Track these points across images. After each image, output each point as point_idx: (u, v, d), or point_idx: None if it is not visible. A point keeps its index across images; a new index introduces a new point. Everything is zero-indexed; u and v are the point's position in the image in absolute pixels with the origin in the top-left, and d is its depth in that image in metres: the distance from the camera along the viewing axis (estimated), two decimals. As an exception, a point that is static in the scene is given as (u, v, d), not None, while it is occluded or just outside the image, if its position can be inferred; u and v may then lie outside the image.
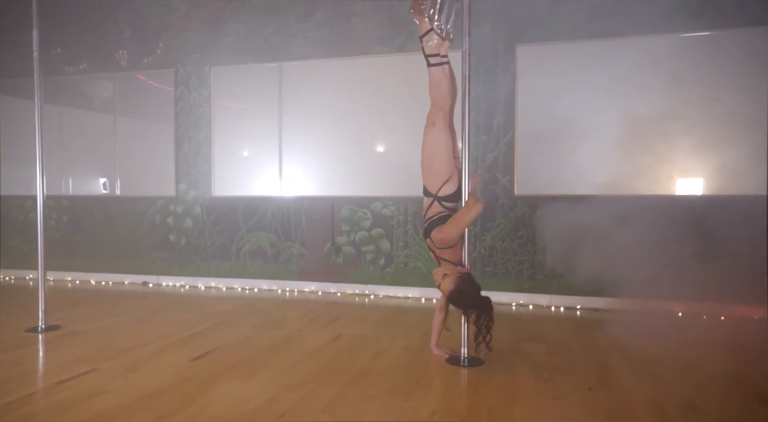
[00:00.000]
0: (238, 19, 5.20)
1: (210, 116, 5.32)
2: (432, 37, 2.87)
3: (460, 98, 3.05)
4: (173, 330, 3.57)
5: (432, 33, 2.87)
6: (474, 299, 2.78)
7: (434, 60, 2.89)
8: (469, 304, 2.78)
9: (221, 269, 5.34)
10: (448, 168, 2.90)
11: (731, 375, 2.71)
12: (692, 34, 4.20)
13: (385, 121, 4.88)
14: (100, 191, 5.75)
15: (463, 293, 2.78)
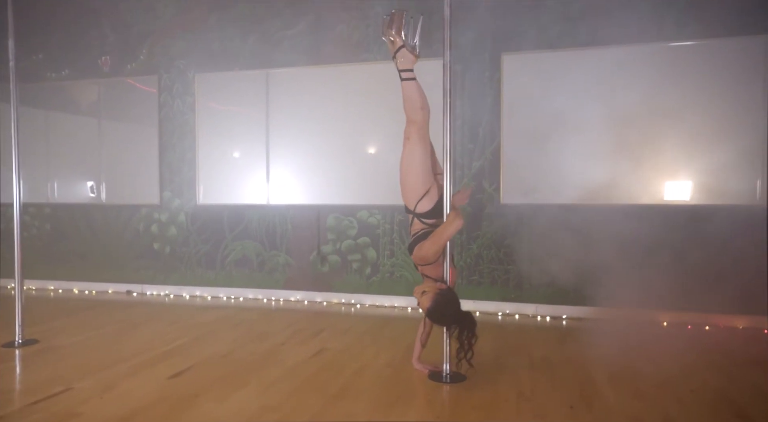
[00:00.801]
0: (222, 26, 5.14)
1: (194, 123, 5.26)
2: (404, 54, 2.91)
3: (441, 111, 2.99)
4: (153, 345, 3.51)
5: (403, 49, 2.92)
6: (452, 316, 2.74)
7: (406, 75, 2.90)
8: (447, 321, 2.75)
9: (206, 278, 5.29)
10: (423, 184, 2.85)
11: (713, 390, 2.70)
12: (675, 44, 4.20)
13: (372, 129, 4.84)
14: (86, 196, 5.66)
15: (440, 310, 2.73)
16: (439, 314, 2.73)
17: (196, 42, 5.23)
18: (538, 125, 4.43)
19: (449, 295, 2.78)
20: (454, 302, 2.75)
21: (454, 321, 2.75)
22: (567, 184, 4.41)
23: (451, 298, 2.78)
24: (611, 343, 3.55)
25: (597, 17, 4.29)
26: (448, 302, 2.75)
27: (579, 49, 4.36)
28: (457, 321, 2.74)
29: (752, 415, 2.41)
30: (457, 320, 2.74)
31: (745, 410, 2.46)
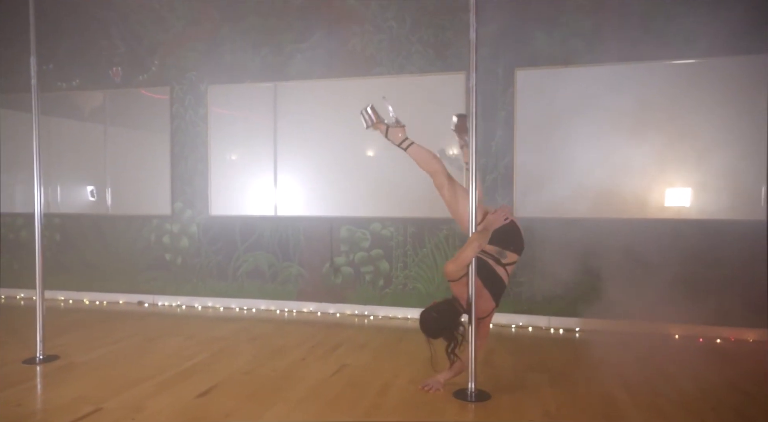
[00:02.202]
0: (234, 38, 5.16)
1: (207, 134, 5.28)
2: (393, 132, 3.23)
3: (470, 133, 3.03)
4: (174, 361, 3.53)
5: (390, 129, 3.24)
6: (448, 331, 2.87)
7: (405, 144, 3.20)
8: (441, 333, 2.88)
9: (218, 289, 5.31)
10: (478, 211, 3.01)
11: (732, 408, 2.75)
12: (683, 61, 4.26)
13: (385, 142, 4.86)
14: (95, 205, 5.67)
15: (444, 321, 2.87)
16: (440, 325, 2.86)
17: (208, 54, 5.25)
18: (550, 140, 4.48)
19: (455, 311, 2.90)
20: (456, 320, 2.88)
21: (447, 336, 2.88)
22: (579, 197, 4.47)
23: (455, 314, 2.90)
24: (626, 357, 3.62)
25: (609, 35, 4.35)
26: (453, 316, 2.88)
27: (591, 66, 4.41)
28: (448, 336, 2.88)
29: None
30: (449, 336, 2.88)
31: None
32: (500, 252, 2.97)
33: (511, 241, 3.00)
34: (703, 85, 4.26)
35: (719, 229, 4.21)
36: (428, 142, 4.70)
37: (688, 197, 4.33)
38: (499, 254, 2.96)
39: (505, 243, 2.98)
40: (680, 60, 4.27)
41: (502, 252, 2.97)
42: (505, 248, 2.98)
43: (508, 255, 2.97)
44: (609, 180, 4.41)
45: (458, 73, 4.65)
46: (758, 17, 4.10)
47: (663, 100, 4.31)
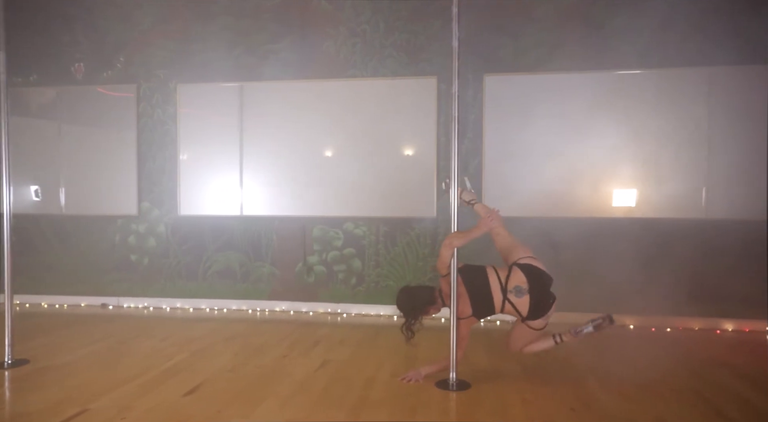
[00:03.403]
0: (207, 38, 5.13)
1: (176, 133, 5.22)
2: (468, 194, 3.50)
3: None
4: (154, 362, 3.51)
5: (465, 192, 3.51)
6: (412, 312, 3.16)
7: (473, 202, 3.45)
8: (408, 312, 3.17)
9: (188, 290, 5.26)
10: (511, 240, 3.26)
11: (689, 389, 3.02)
12: (640, 72, 4.59)
13: (359, 143, 4.98)
14: (53, 205, 5.48)
15: (413, 301, 3.16)
16: (409, 305, 3.14)
17: (178, 52, 5.20)
18: (517, 143, 4.72)
19: (430, 298, 3.14)
20: (426, 307, 3.15)
21: (409, 314, 3.15)
22: (543, 198, 4.72)
23: (428, 302, 3.14)
24: (589, 347, 3.88)
25: (571, 45, 4.63)
26: (425, 303, 3.14)
27: (555, 73, 4.67)
28: (410, 316, 3.14)
29: (726, 411, 2.74)
30: (411, 316, 3.15)
31: (720, 406, 2.79)
32: (519, 289, 3.02)
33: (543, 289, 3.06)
34: (651, 94, 4.61)
35: (664, 227, 4.55)
36: (398, 143, 4.87)
37: (634, 198, 4.67)
38: (517, 289, 3.02)
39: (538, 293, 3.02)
40: (632, 70, 4.59)
41: (521, 289, 3.02)
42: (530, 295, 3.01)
43: (524, 299, 3.01)
44: (567, 181, 4.68)
45: (430, 78, 4.82)
46: (700, 33, 4.47)
47: (615, 107, 4.63)
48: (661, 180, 4.60)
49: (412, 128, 4.87)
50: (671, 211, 4.59)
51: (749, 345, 4.06)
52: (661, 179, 4.60)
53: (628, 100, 4.62)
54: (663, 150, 4.61)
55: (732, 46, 4.43)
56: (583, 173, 4.67)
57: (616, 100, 4.62)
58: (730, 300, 4.46)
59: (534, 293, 3.00)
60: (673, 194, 4.58)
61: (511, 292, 3.06)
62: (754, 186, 4.47)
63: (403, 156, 4.89)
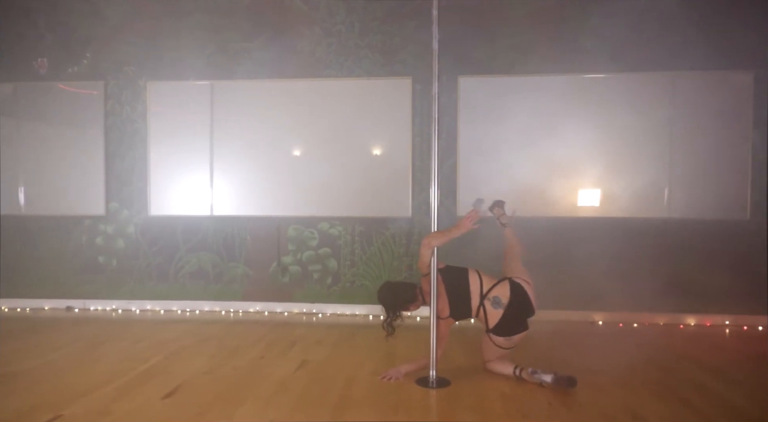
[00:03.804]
0: (178, 35, 5.04)
1: (146, 132, 5.11)
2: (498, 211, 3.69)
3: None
4: (128, 365, 3.44)
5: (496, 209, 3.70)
6: (393, 307, 3.20)
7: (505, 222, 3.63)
8: (389, 305, 3.21)
9: (158, 292, 5.15)
10: None
11: (657, 382, 3.15)
12: (605, 76, 4.75)
13: (332, 143, 4.98)
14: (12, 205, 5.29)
15: (382, 291, 3.22)
16: (392, 301, 3.19)
17: (148, 49, 5.09)
18: (491, 143, 4.81)
19: (411, 297, 3.19)
20: (405, 305, 3.19)
21: (390, 309, 3.19)
22: (516, 198, 4.81)
23: (408, 300, 3.18)
24: (561, 342, 4.01)
25: (542, 48, 4.75)
26: (405, 301, 3.19)
27: (528, 76, 4.78)
28: (391, 312, 3.19)
29: (694, 402, 2.87)
30: (392, 312, 3.20)
31: (685, 396, 2.92)
32: (498, 300, 3.11)
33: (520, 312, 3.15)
34: (618, 96, 4.77)
35: (629, 226, 4.72)
36: (373, 143, 4.89)
37: (598, 198, 4.83)
38: (496, 299, 3.11)
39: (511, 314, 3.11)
40: (599, 74, 4.75)
41: (499, 302, 3.10)
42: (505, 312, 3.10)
43: (497, 311, 3.10)
44: (537, 181, 4.79)
45: (405, 78, 4.86)
46: (665, 38, 4.65)
47: (584, 109, 4.77)
48: (625, 180, 4.76)
49: (387, 128, 4.91)
50: (635, 210, 4.76)
51: (710, 339, 4.25)
52: (626, 179, 4.76)
53: (597, 103, 4.77)
54: (628, 151, 4.77)
55: (694, 52, 4.63)
56: (553, 173, 4.79)
57: (586, 103, 4.77)
58: (691, 296, 4.65)
59: (509, 311, 3.10)
60: (637, 194, 4.75)
61: (488, 300, 3.13)
62: (713, 187, 4.68)
63: (378, 156, 4.91)
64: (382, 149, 4.91)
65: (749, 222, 4.62)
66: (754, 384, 3.15)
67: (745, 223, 4.63)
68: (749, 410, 2.75)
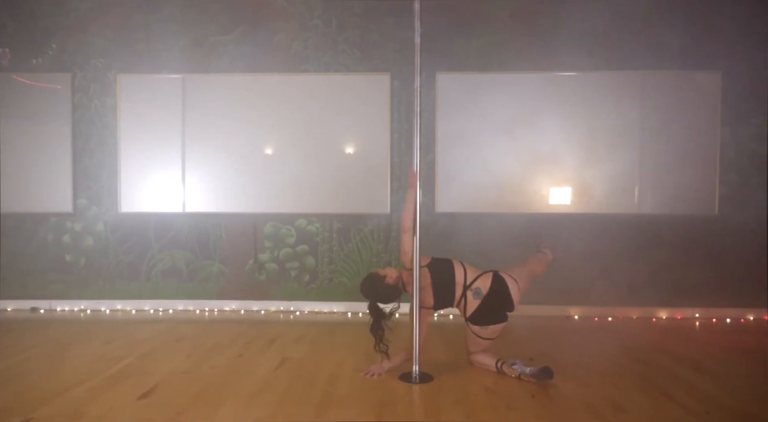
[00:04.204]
0: (151, 26, 4.90)
1: (116, 126, 4.94)
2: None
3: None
4: (100, 366, 3.31)
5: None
6: (373, 297, 3.14)
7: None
8: (370, 298, 3.15)
9: (129, 291, 4.99)
10: None
11: (637, 375, 3.20)
12: (580, 73, 4.82)
13: (310, 139, 4.92)
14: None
15: (373, 288, 3.14)
16: (369, 290, 3.14)
17: (118, 40, 4.93)
18: (468, 140, 4.82)
19: (394, 293, 3.14)
20: (388, 300, 3.13)
21: (371, 307, 3.15)
22: (493, 194, 4.85)
23: (391, 297, 3.13)
24: (540, 336, 4.06)
25: (520, 46, 4.79)
26: (389, 298, 3.13)
27: (505, 73, 4.82)
28: (372, 309, 3.14)
29: (673, 393, 2.92)
30: (373, 308, 3.14)
31: (665, 388, 2.98)
32: (478, 291, 3.13)
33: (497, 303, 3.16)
34: (592, 94, 4.85)
35: (601, 222, 4.80)
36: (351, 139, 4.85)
37: (569, 195, 4.90)
38: (477, 290, 3.14)
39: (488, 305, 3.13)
40: (574, 72, 4.82)
41: (479, 293, 3.13)
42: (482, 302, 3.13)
43: (476, 302, 3.12)
44: (513, 178, 4.84)
45: (383, 74, 4.83)
46: (636, 38, 4.75)
47: (559, 107, 4.83)
48: (597, 176, 4.84)
49: (365, 124, 4.87)
50: (607, 206, 4.84)
51: (682, 332, 4.36)
52: (598, 175, 4.84)
53: (571, 100, 4.84)
54: (601, 148, 4.85)
55: (665, 52, 4.74)
56: (528, 169, 4.84)
57: (560, 100, 4.83)
58: (662, 290, 4.76)
59: (486, 302, 3.13)
60: (608, 190, 4.84)
61: (471, 290, 3.15)
62: (682, 183, 4.80)
63: (356, 152, 4.88)
64: (359, 145, 4.88)
65: (717, 218, 4.76)
66: (728, 375, 3.23)
67: (713, 218, 4.76)
68: (726, 400, 2.82)
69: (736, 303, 4.72)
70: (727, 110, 4.75)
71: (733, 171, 4.76)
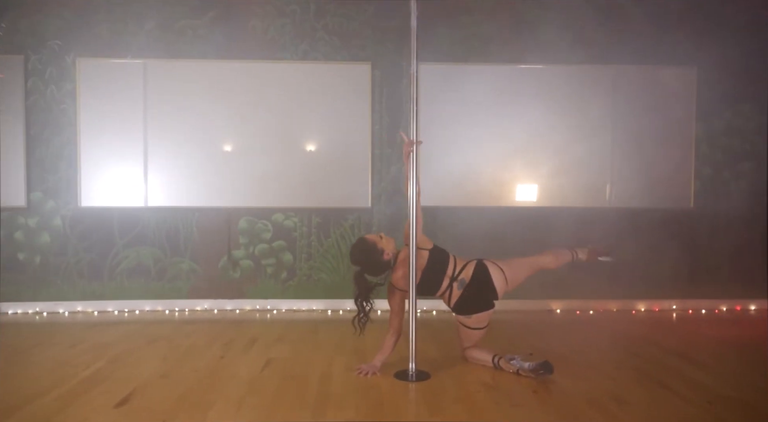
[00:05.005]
0: (113, 7, 4.57)
1: (76, 114, 4.60)
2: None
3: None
4: (67, 371, 3.03)
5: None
6: (361, 263, 3.03)
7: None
8: (358, 264, 3.04)
9: (91, 291, 4.66)
10: None
11: (630, 367, 3.18)
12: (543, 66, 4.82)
13: (287, 130, 4.71)
14: None
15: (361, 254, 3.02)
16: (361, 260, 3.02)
17: (78, 21, 4.58)
18: (449, 132, 4.74)
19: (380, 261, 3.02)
20: (375, 266, 3.02)
21: (358, 277, 3.03)
22: (469, 187, 4.78)
23: (377, 261, 3.00)
24: (527, 330, 4.01)
25: (503, 38, 4.74)
26: (374, 262, 3.01)
27: (485, 65, 4.75)
28: (359, 279, 3.02)
29: (670, 384, 2.91)
30: (360, 278, 3.02)
31: (661, 379, 2.96)
32: (462, 282, 3.06)
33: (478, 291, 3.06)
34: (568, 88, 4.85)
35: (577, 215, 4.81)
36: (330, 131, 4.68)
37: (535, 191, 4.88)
38: (461, 281, 3.06)
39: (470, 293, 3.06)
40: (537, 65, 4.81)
41: (463, 283, 3.06)
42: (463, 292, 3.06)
43: (459, 292, 3.05)
44: (486, 171, 4.77)
45: (364, 64, 4.68)
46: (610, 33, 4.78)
47: (535, 99, 4.79)
48: (571, 171, 4.83)
49: (345, 115, 4.71)
50: (580, 200, 4.84)
51: (663, 323, 4.42)
52: (572, 170, 4.83)
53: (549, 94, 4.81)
54: (574, 142, 4.84)
55: (643, 47, 4.79)
56: (503, 164, 4.78)
57: (540, 93, 4.81)
58: (640, 283, 4.80)
59: (468, 290, 3.05)
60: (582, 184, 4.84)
61: (456, 282, 3.08)
62: (659, 176, 4.86)
63: (335, 144, 4.70)
64: (339, 137, 4.71)
65: (693, 210, 4.85)
66: (717, 364, 3.25)
67: (689, 211, 4.85)
68: (719, 388, 2.82)
69: (712, 295, 4.82)
70: (701, 105, 4.84)
71: (708, 165, 4.87)
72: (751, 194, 4.85)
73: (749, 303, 4.85)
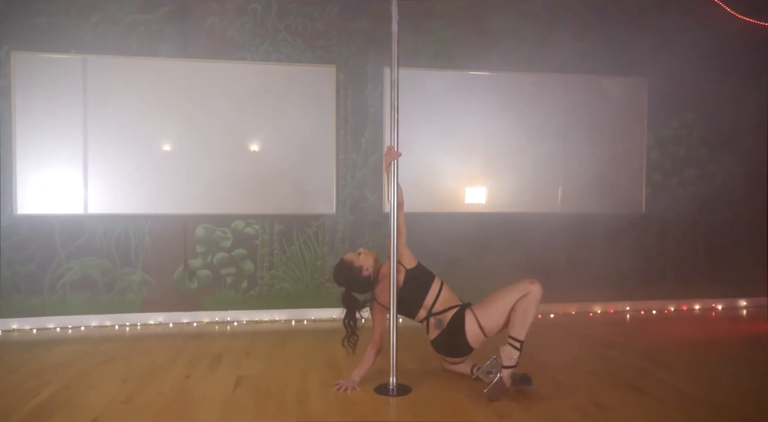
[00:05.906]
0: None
1: (11, 113, 4.20)
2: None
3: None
4: (14, 399, 2.73)
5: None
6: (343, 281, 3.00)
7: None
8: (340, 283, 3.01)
9: (28, 307, 4.27)
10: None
11: (602, 371, 3.26)
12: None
13: (247, 134, 4.51)
14: None
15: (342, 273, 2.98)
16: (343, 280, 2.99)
17: (13, 12, 4.18)
18: (416, 137, 4.69)
19: (361, 277, 2.96)
20: (358, 283, 2.98)
21: (346, 297, 3.00)
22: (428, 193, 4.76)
23: (358, 279, 2.96)
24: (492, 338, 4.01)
25: (465, 44, 4.76)
26: (356, 279, 2.97)
27: (451, 71, 4.76)
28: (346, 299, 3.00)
29: (642, 386, 3.00)
30: (347, 298, 3.00)
31: (635, 382, 3.05)
32: (440, 323, 2.97)
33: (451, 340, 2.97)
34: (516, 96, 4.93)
35: (530, 220, 4.91)
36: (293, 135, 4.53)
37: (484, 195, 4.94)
38: (438, 322, 2.97)
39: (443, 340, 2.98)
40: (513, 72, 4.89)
41: (440, 324, 2.97)
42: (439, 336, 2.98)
43: (435, 331, 2.98)
44: (448, 176, 4.79)
45: (329, 66, 4.56)
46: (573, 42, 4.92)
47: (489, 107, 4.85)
48: (526, 177, 4.93)
49: (309, 119, 4.56)
50: (533, 206, 4.93)
51: (621, 324, 4.58)
52: (527, 176, 4.93)
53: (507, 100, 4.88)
54: (528, 148, 4.94)
55: (597, 58, 4.95)
56: (457, 169, 4.79)
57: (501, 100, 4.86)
58: (594, 286, 4.95)
59: (442, 335, 2.98)
60: (535, 191, 4.95)
61: (433, 316, 2.99)
62: (612, 183, 5.04)
63: (299, 149, 4.55)
64: (303, 142, 4.56)
65: (644, 215, 5.07)
66: (681, 364, 3.39)
67: (641, 216, 5.07)
68: (687, 388, 2.94)
69: (660, 295, 5.06)
70: (652, 114, 5.06)
71: (658, 172, 5.10)
72: (696, 199, 5.13)
73: (694, 303, 5.13)
